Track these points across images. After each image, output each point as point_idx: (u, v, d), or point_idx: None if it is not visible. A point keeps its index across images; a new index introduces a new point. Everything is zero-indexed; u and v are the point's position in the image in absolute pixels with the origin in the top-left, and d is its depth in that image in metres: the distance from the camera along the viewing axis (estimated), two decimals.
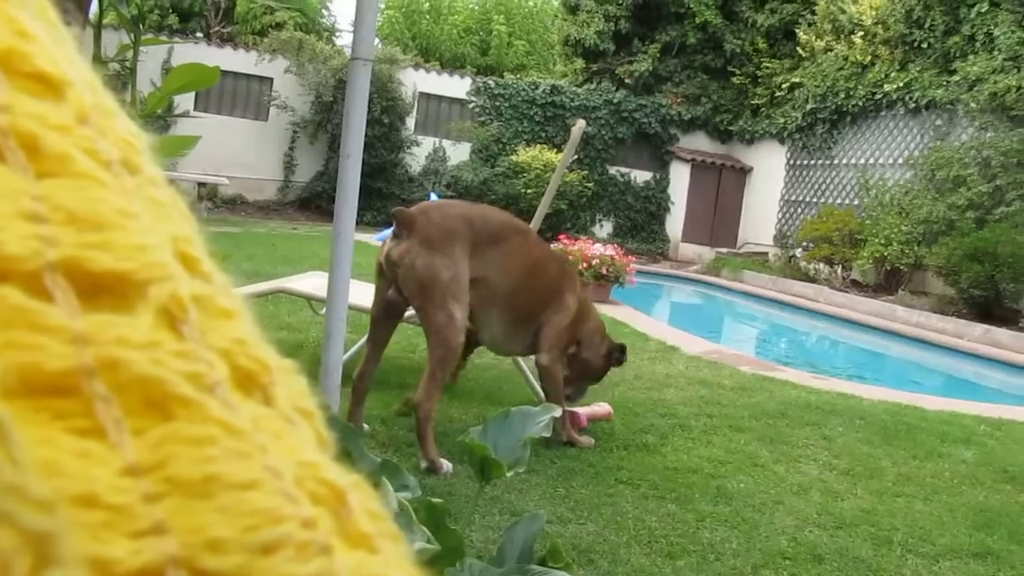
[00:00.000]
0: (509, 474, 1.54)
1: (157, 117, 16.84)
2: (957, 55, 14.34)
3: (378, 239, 12.99)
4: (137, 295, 0.19)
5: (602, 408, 4.55)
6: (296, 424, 0.22)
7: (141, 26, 1.02)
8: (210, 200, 16.46)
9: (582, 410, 4.38)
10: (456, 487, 3.29)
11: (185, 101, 17.24)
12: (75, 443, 0.17)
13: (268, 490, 0.18)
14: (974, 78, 13.48)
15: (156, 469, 0.17)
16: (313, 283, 4.96)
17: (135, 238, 0.19)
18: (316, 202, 17.56)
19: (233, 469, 0.18)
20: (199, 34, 20.54)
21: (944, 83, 14.40)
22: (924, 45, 15.12)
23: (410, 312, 4.72)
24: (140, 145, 0.23)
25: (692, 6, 19.53)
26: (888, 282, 14.25)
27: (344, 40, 24.15)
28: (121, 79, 13.35)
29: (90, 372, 0.17)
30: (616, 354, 4.33)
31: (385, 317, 4.00)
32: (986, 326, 10.96)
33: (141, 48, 1.14)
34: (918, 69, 15.17)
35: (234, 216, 16.27)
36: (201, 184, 15.41)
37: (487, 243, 3.85)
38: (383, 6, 28.29)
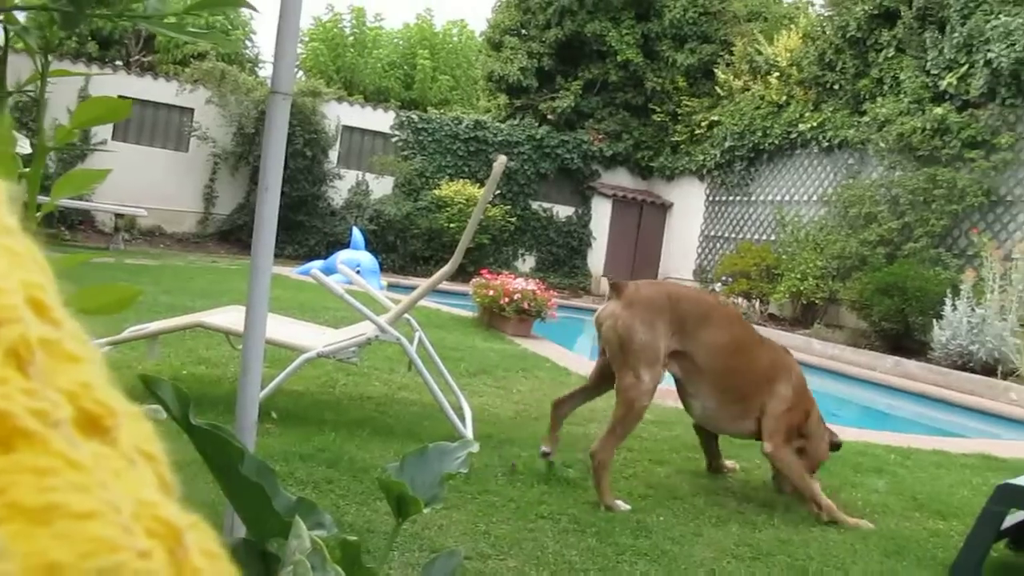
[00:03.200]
0: (426, 511, 1.53)
1: (73, 147, 16.48)
2: (867, 97, 14.85)
3: (300, 272, 12.88)
4: None
5: None
6: (138, 466, 0.22)
7: (48, 57, 1.00)
8: (127, 231, 16.13)
9: None
10: (376, 524, 3.25)
11: (103, 131, 16.92)
12: None
13: (106, 521, 0.19)
14: (883, 119, 13.95)
15: None
16: (231, 317, 4.88)
17: None
18: (237, 235, 17.32)
19: (73, 499, 0.19)
20: (119, 62, 20.19)
21: (855, 123, 14.87)
22: (836, 87, 15.63)
23: (334, 348, 4.68)
24: None
25: (614, 45, 19.89)
26: (804, 316, 14.58)
27: (268, 71, 23.98)
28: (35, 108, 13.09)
29: None
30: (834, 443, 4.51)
31: (599, 378, 4.41)
32: (897, 358, 11.27)
33: (59, 77, 1.13)
34: (831, 109, 15.65)
35: (152, 248, 15.96)
36: (119, 215, 15.13)
37: (694, 322, 4.15)
38: (307, 39, 28.22)
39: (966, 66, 12.99)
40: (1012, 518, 3.67)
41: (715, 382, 4.21)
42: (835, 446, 4.51)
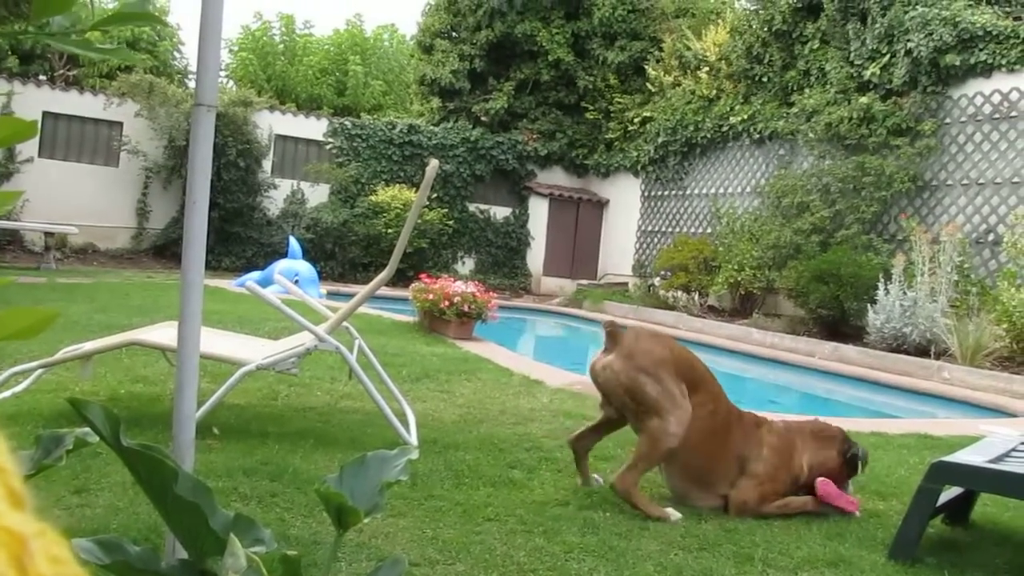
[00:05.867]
0: (366, 520, 1.52)
1: None
2: (794, 88, 15.11)
3: (237, 285, 12.73)
4: None
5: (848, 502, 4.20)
6: None
7: None
8: (59, 250, 15.80)
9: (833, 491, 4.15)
10: (322, 536, 3.23)
11: (29, 148, 16.56)
12: None
13: None
14: (811, 110, 14.21)
15: None
16: (167, 333, 4.81)
17: None
18: (172, 249, 17.04)
19: None
20: (43, 77, 19.76)
21: (784, 115, 15.12)
22: (764, 79, 15.87)
23: (273, 360, 4.64)
24: None
25: (544, 44, 19.98)
26: (743, 306, 14.77)
27: None
28: None
29: None
30: (855, 457, 4.17)
31: (608, 423, 4.25)
32: (834, 343, 11.48)
33: None
34: (760, 102, 15.89)
35: (85, 266, 15.65)
36: (49, 234, 14.80)
37: (688, 385, 3.96)
38: (236, 48, 27.91)
39: (888, 56, 13.29)
40: (947, 494, 3.76)
41: (686, 457, 4.03)
42: (858, 464, 4.18)
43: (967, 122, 12.50)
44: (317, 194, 18.62)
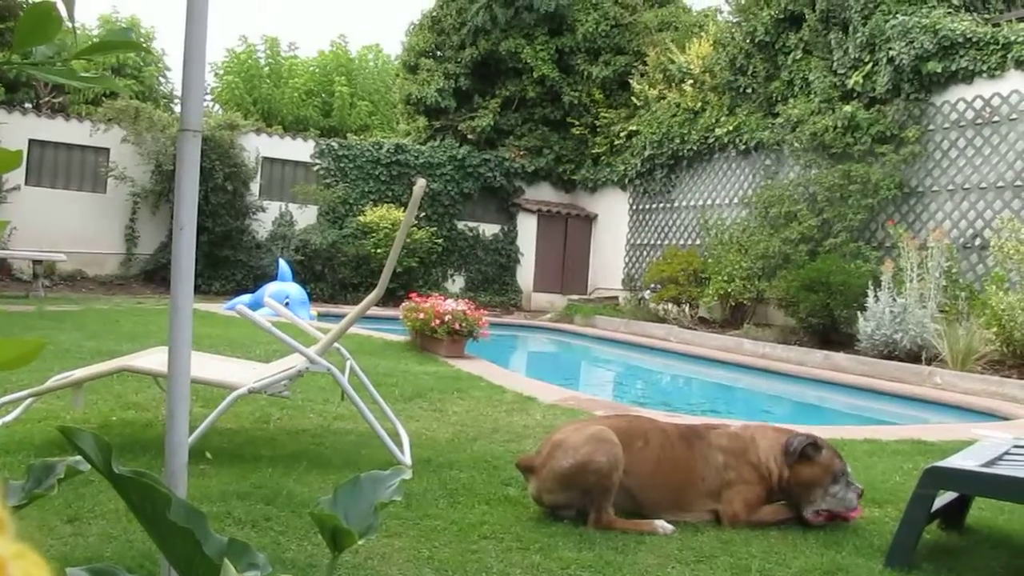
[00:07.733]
0: (361, 542, 1.52)
1: None
2: (779, 99, 15.19)
3: (227, 308, 12.70)
4: None
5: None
6: None
7: None
8: (47, 278, 15.75)
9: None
10: (317, 559, 3.22)
11: (16, 176, 16.55)
12: None
13: None
14: (795, 120, 14.28)
15: None
16: (158, 359, 4.79)
17: None
18: (161, 274, 17.02)
19: None
20: (28, 105, 19.75)
21: (769, 125, 15.19)
22: (749, 90, 15.95)
23: (265, 383, 4.63)
24: None
25: (529, 61, 20.05)
26: (734, 317, 14.80)
27: None
28: None
29: None
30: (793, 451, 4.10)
31: None
32: (826, 352, 11.51)
33: None
34: (745, 113, 15.96)
35: (75, 293, 15.59)
36: (37, 262, 14.75)
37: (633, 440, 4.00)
38: (222, 71, 27.95)
39: (870, 64, 13.38)
40: (942, 499, 3.76)
41: (650, 493, 4.04)
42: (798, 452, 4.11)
43: (951, 128, 12.58)
44: (305, 216, 18.63)
